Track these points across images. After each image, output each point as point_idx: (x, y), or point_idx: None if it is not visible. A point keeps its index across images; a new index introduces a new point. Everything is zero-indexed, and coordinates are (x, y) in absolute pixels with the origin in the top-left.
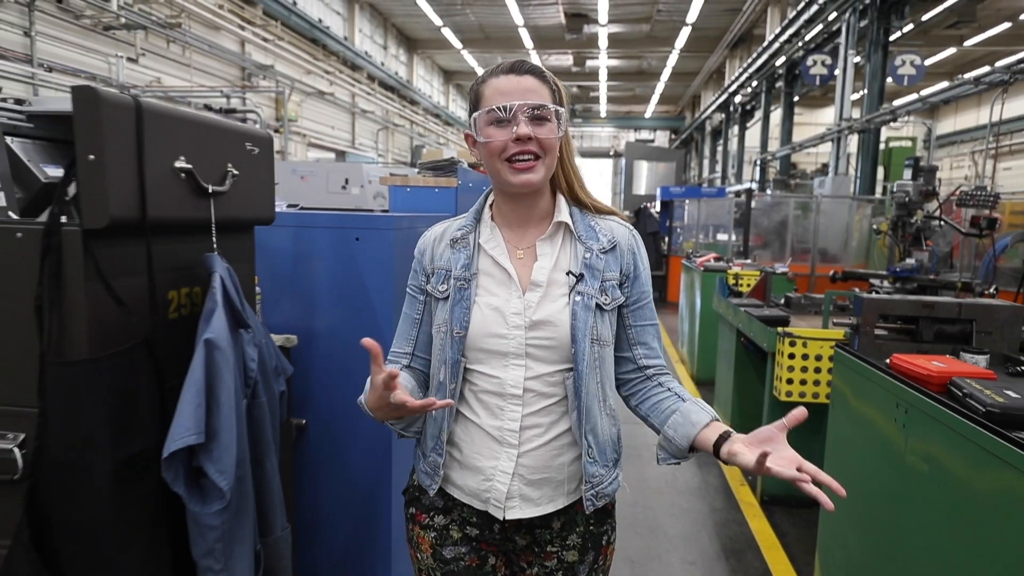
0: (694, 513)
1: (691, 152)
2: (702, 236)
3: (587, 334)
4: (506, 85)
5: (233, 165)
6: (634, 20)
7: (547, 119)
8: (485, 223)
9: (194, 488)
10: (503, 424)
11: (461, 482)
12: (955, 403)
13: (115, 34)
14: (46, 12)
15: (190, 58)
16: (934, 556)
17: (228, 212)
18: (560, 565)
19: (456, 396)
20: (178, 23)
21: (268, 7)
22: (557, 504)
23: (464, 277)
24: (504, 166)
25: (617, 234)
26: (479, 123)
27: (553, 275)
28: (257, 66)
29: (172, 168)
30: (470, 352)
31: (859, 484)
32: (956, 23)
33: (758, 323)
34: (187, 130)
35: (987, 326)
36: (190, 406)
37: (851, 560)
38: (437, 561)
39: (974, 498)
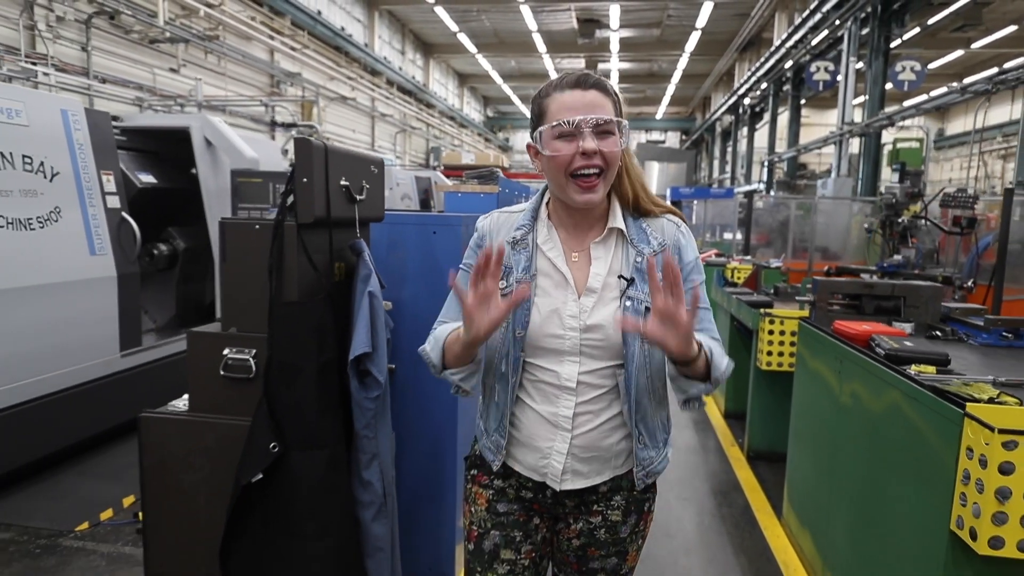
0: (691, 465)
1: (702, 153)
2: (709, 235)
3: (636, 336)
4: (572, 100)
5: (366, 181)
6: (645, 25)
7: (611, 132)
8: (542, 222)
9: (360, 382)
10: (558, 411)
11: (521, 457)
12: (868, 351)
13: (159, 47)
14: (101, 28)
15: (225, 67)
16: (856, 464)
17: (363, 213)
18: (604, 523)
19: (517, 386)
20: (216, 35)
21: (296, 17)
22: (604, 476)
23: (524, 279)
24: (569, 182)
25: (667, 234)
26: (544, 137)
27: (606, 280)
28: (285, 73)
29: (340, 185)
30: (529, 348)
31: (813, 424)
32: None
33: (746, 307)
34: (345, 160)
35: (915, 302)
36: (363, 330)
37: (806, 482)
38: (490, 513)
39: (877, 416)
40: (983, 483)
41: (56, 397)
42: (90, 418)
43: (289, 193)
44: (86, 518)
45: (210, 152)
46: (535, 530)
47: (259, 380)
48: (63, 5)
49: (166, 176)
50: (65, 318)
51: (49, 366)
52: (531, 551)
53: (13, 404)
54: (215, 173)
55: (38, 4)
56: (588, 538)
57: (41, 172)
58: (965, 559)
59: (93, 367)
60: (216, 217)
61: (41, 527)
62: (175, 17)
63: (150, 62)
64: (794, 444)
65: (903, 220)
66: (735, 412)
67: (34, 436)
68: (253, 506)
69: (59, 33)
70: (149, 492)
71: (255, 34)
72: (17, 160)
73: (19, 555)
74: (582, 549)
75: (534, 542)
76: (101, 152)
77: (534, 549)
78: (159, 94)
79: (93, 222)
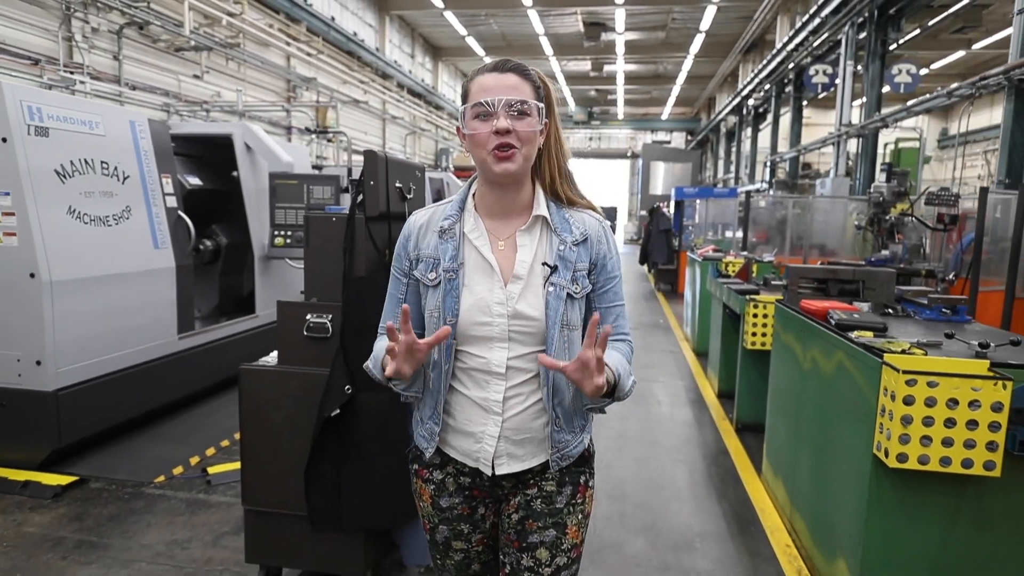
0: (685, 435)
1: (707, 153)
2: (711, 233)
3: (557, 321)
4: (490, 82)
5: (412, 183)
6: (650, 28)
7: (527, 114)
8: (468, 212)
9: None
10: (488, 396)
11: (455, 443)
12: (825, 322)
13: (184, 55)
14: (131, 38)
15: (244, 73)
16: (815, 418)
17: (411, 208)
18: (540, 493)
19: (450, 373)
20: (237, 43)
21: (311, 24)
22: (539, 459)
23: (452, 268)
24: (487, 155)
25: (589, 226)
26: (466, 116)
27: (532, 266)
28: (301, 78)
29: (395, 187)
30: (459, 336)
31: (784, 388)
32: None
33: (735, 294)
34: (398, 167)
35: (872, 285)
36: None
37: (779, 439)
38: (435, 509)
39: (829, 375)
40: (892, 413)
41: (127, 372)
42: (154, 392)
43: (359, 193)
44: (161, 472)
45: (250, 156)
46: (482, 520)
47: (335, 338)
48: (97, 17)
49: (210, 178)
50: (134, 304)
51: (121, 345)
52: (482, 539)
53: (94, 376)
54: (254, 175)
55: (75, 17)
56: (526, 511)
57: (115, 176)
58: (883, 473)
59: (156, 347)
60: (255, 215)
61: (125, 479)
62: (199, 26)
63: (176, 69)
64: (771, 407)
65: (890, 217)
66: (727, 392)
67: (110, 405)
68: (331, 435)
69: (93, 43)
70: (246, 428)
71: (273, 41)
72: (97, 165)
73: (112, 500)
74: (520, 524)
75: (483, 530)
76: (161, 158)
77: (484, 536)
78: (184, 100)
79: (156, 219)
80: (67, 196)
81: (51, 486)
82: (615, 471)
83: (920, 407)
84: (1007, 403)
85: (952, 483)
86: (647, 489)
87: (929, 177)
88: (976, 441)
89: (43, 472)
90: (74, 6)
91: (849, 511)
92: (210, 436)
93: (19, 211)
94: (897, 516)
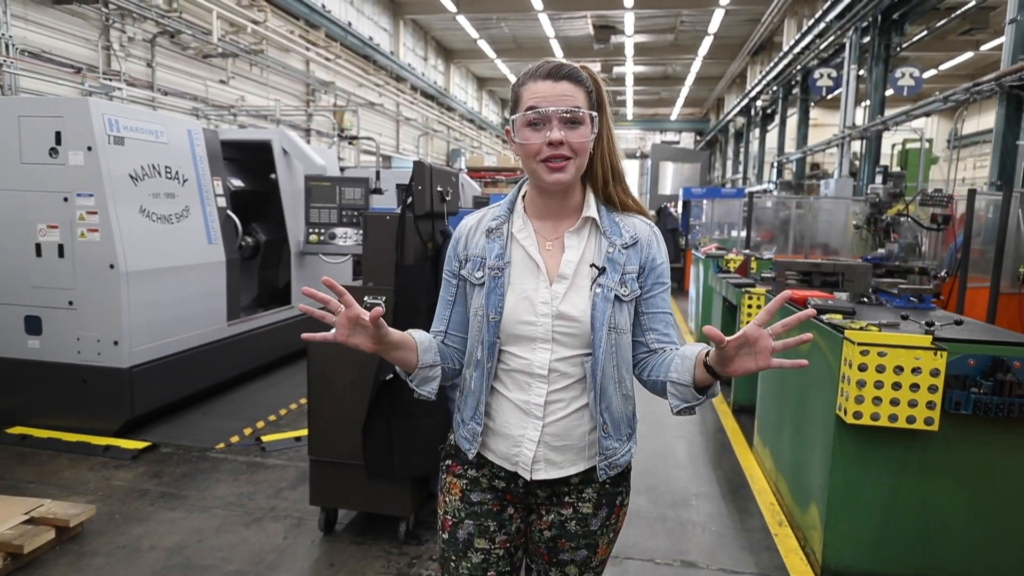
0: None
1: (715, 153)
2: (717, 232)
3: (605, 323)
4: (543, 90)
5: (450, 187)
6: (659, 31)
7: (580, 123)
8: (518, 214)
9: None
10: (530, 399)
11: (494, 446)
12: (802, 306)
13: (211, 61)
14: (163, 46)
15: (267, 78)
16: (795, 391)
17: (448, 208)
18: (575, 515)
19: (492, 373)
20: (260, 49)
21: (329, 30)
22: (578, 467)
23: (498, 266)
24: (539, 166)
25: (639, 230)
26: (516, 125)
27: (579, 267)
28: (320, 82)
29: (437, 190)
30: (503, 335)
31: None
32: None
33: (733, 288)
34: (440, 174)
35: (851, 277)
36: None
37: (767, 413)
38: (464, 503)
39: (805, 353)
40: (849, 378)
41: (187, 353)
42: (209, 371)
43: (409, 195)
44: (220, 440)
45: (286, 160)
46: (509, 520)
47: (388, 316)
48: (133, 27)
49: (250, 180)
50: (191, 293)
51: (181, 329)
52: (505, 541)
53: (161, 356)
54: (291, 178)
55: (113, 27)
56: (559, 530)
57: (176, 179)
58: (843, 430)
59: (210, 332)
60: (292, 215)
61: (191, 445)
62: (225, 33)
63: (203, 75)
64: (761, 386)
65: (886, 218)
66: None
67: (173, 382)
68: (384, 397)
69: (129, 52)
70: (313, 390)
71: (293, 46)
72: (162, 170)
73: (182, 461)
74: (553, 541)
75: (508, 532)
76: (213, 162)
77: (508, 539)
78: (211, 104)
79: (209, 218)
80: (139, 197)
81: (129, 449)
82: None
83: (872, 373)
84: (943, 369)
85: (901, 438)
86: (649, 459)
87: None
88: (918, 401)
89: (119, 438)
90: (112, 17)
91: (818, 464)
92: (259, 411)
93: (101, 210)
94: (856, 466)
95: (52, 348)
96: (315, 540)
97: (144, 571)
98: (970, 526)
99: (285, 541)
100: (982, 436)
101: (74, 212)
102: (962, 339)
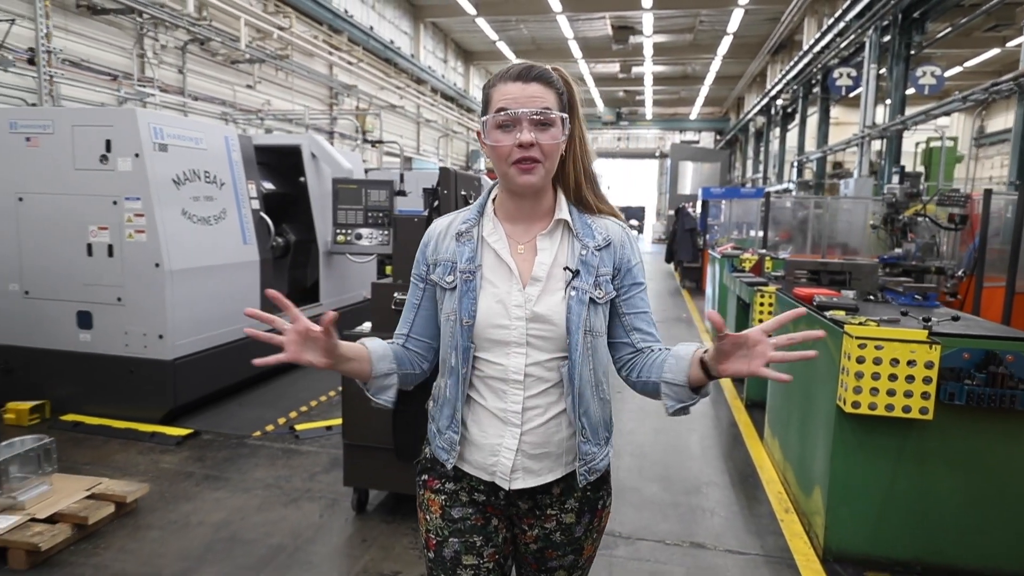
0: (699, 410)
1: (736, 152)
2: (736, 232)
3: (580, 326)
4: (512, 91)
5: (472, 191)
6: (678, 31)
7: (551, 124)
8: (488, 217)
9: None
10: (507, 406)
11: (470, 457)
12: (809, 304)
13: (239, 67)
14: (193, 53)
15: (292, 82)
16: (801, 384)
17: None
18: (559, 526)
19: (467, 380)
20: (286, 54)
21: (352, 34)
22: (556, 474)
23: (469, 270)
24: (509, 168)
25: (611, 232)
26: (487, 126)
27: (552, 270)
28: (343, 85)
29: (461, 194)
30: (476, 340)
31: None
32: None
33: (746, 286)
34: (463, 178)
35: (858, 276)
36: None
37: (776, 406)
38: (445, 520)
39: (812, 344)
40: (848, 370)
41: (225, 347)
42: (242, 366)
43: (435, 199)
44: (257, 428)
45: (315, 164)
46: (495, 532)
47: None
48: (166, 35)
49: (280, 183)
50: (228, 291)
51: (220, 324)
52: (494, 553)
53: (202, 349)
54: (319, 181)
55: (147, 36)
56: (545, 542)
57: (214, 183)
58: (843, 419)
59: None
60: (320, 216)
61: (230, 432)
62: (252, 40)
63: (231, 80)
64: (771, 382)
65: (903, 217)
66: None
67: (212, 374)
68: None
69: (162, 59)
70: (347, 379)
71: (317, 51)
72: (201, 174)
73: (223, 447)
74: (540, 552)
75: (495, 544)
76: (247, 166)
77: (496, 551)
78: (239, 108)
79: (244, 219)
80: (181, 200)
81: (173, 436)
82: (637, 436)
83: (869, 365)
84: (937, 362)
85: (898, 427)
86: (663, 450)
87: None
88: (913, 392)
89: (164, 426)
90: (146, 26)
91: (821, 452)
92: (291, 403)
93: (147, 213)
94: (855, 454)
95: (102, 341)
96: (348, 518)
97: (195, 543)
98: (965, 512)
99: (321, 519)
100: (976, 426)
101: (122, 214)
102: (957, 334)
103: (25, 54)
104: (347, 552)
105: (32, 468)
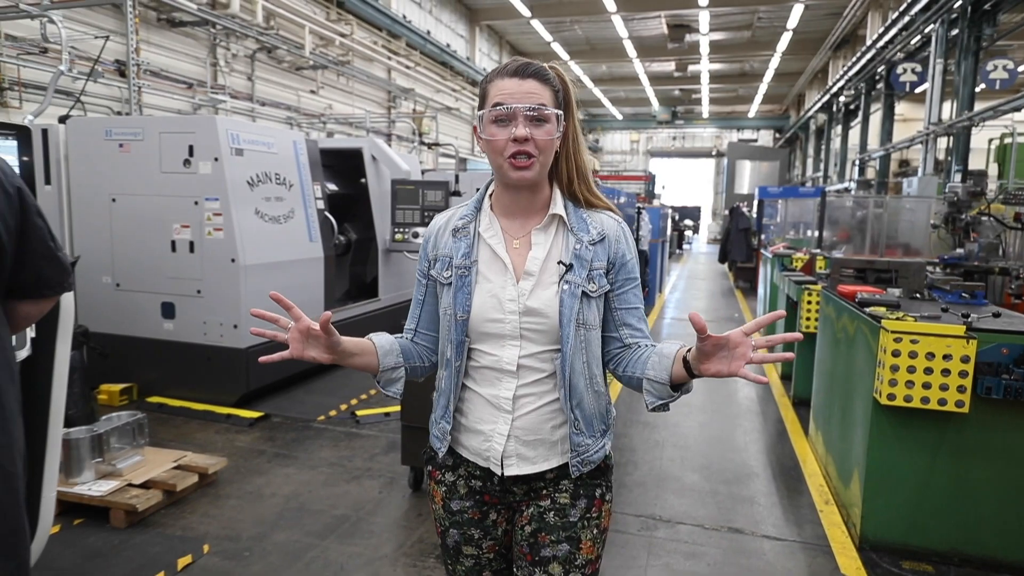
0: (746, 407)
1: (795, 151)
2: (792, 232)
3: (572, 319)
4: (509, 87)
5: None
6: (735, 28)
7: (546, 120)
8: (485, 212)
9: None
10: (499, 393)
11: (466, 442)
12: (852, 301)
13: (303, 73)
14: (261, 61)
15: (352, 87)
16: (843, 378)
17: None
18: (553, 505)
19: (462, 371)
20: (347, 60)
21: (410, 39)
22: (552, 463)
23: (465, 265)
24: (504, 163)
25: (606, 226)
26: (483, 121)
27: (545, 264)
28: (401, 89)
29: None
30: (471, 333)
31: (825, 359)
32: None
33: (794, 285)
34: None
35: (905, 274)
36: None
37: (820, 399)
38: (446, 512)
39: (852, 340)
40: (884, 363)
41: None
42: None
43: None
44: (321, 413)
45: (375, 166)
46: (493, 526)
47: None
48: (237, 44)
49: (341, 184)
50: (296, 285)
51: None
52: (493, 545)
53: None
54: (379, 182)
55: (220, 45)
56: (539, 522)
57: (284, 184)
58: (880, 411)
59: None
60: (380, 216)
61: (297, 416)
62: (316, 47)
63: (296, 86)
64: (816, 374)
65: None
66: (788, 373)
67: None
68: None
69: (233, 67)
70: None
71: (376, 56)
72: (272, 177)
73: (291, 429)
74: (533, 536)
75: (494, 537)
76: (313, 168)
77: (496, 543)
78: (303, 112)
79: (310, 218)
80: (254, 201)
81: (247, 418)
82: (681, 428)
83: (905, 359)
84: (973, 356)
85: (934, 420)
86: (706, 443)
87: None
88: (949, 385)
89: (238, 408)
90: (219, 36)
91: (859, 444)
92: (352, 390)
93: (224, 212)
94: (892, 445)
95: (183, 330)
96: (405, 495)
97: (269, 511)
98: (1003, 504)
99: (380, 495)
100: (1015, 420)
101: (203, 214)
102: (996, 329)
103: (111, 66)
104: (404, 524)
105: (128, 440)
